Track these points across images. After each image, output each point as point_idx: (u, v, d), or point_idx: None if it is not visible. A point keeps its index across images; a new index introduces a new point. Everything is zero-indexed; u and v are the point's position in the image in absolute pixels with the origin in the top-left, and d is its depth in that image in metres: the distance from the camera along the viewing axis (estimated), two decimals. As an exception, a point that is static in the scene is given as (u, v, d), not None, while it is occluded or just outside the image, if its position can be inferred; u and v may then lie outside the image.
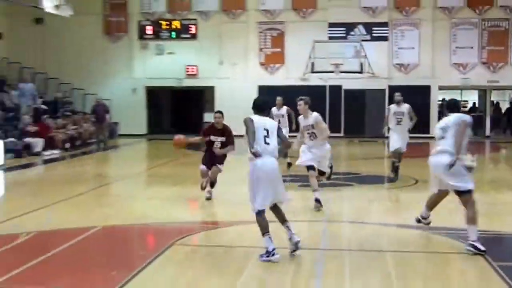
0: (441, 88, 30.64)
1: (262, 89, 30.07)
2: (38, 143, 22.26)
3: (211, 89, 31.30)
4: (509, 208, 11.85)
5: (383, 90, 29.78)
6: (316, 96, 27.13)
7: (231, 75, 31.16)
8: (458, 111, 8.49)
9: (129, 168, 19.65)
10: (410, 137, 15.66)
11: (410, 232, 9.01)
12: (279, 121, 15.34)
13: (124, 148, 26.60)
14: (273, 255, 7.43)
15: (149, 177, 17.68)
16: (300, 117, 11.57)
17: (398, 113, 15.26)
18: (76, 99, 30.49)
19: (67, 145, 23.98)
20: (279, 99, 17.90)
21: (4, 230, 9.72)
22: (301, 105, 11.32)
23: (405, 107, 15.30)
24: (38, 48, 30.99)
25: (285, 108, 17.83)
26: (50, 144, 22.93)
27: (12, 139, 21.37)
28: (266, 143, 7.73)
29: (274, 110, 17.30)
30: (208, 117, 29.12)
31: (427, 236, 9.05)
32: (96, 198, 13.15)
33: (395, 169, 15.36)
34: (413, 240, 8.83)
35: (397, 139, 15.19)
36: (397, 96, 15.50)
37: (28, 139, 22.22)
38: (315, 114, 11.29)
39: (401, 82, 29.15)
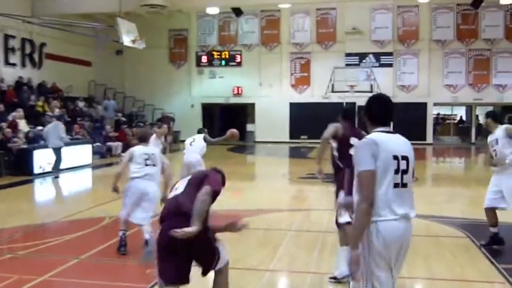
0: (435, 104, 30.18)
1: (293, 105, 30.14)
2: (118, 146, 22.32)
3: (252, 105, 30.97)
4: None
5: None
6: (335, 111, 27.10)
7: (268, 94, 30.75)
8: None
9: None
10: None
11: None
12: None
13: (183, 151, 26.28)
14: None
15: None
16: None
17: None
18: (147, 112, 30.47)
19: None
20: None
21: (93, 214, 9.79)
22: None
23: None
24: (118, 73, 31.12)
25: None
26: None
27: (98, 143, 21.55)
28: None
29: None
30: (250, 127, 30.34)
31: (425, 223, 8.79)
32: (102, 192, 12.41)
33: None
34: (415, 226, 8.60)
35: None
36: None
37: (110, 144, 22.30)
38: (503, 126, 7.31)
39: (403, 100, 28.61)
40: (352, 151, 5.48)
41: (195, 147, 10.92)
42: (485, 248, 7.31)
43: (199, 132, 11.42)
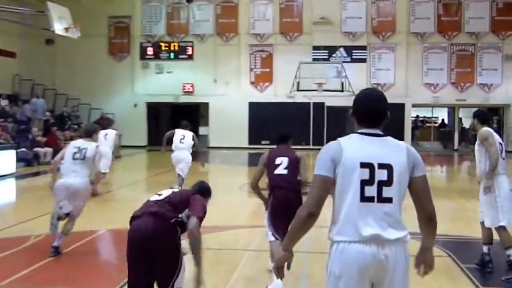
0: (414, 105, 30.66)
1: (252, 105, 30.50)
2: (47, 153, 21.92)
3: (205, 105, 31.15)
4: (475, 215, 11.73)
5: None
6: (301, 112, 29.06)
7: (224, 92, 30.97)
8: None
9: (131, 176, 19.29)
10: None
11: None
12: None
13: (126, 158, 25.98)
14: None
15: (150, 184, 17.46)
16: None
17: None
18: (82, 113, 30.29)
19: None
20: None
21: (14, 233, 9.59)
22: None
23: None
24: (48, 67, 30.71)
25: None
26: (57, 154, 22.44)
27: (24, 149, 21.13)
28: None
29: None
30: (203, 131, 29.94)
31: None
32: (101, 204, 12.75)
33: None
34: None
35: None
36: None
37: (37, 149, 21.94)
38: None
39: None
40: (277, 171, 6.60)
41: (185, 144, 13.23)
42: (469, 268, 7.38)
43: (185, 127, 13.56)
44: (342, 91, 27.38)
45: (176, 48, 31.16)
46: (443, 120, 35.05)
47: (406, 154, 3.36)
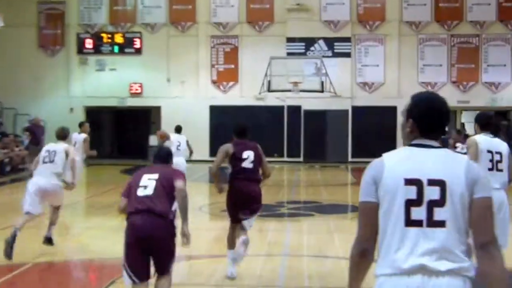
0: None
1: (214, 110, 30.33)
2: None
3: (157, 109, 30.92)
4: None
5: (346, 111, 29.93)
6: (273, 118, 29.19)
7: (180, 94, 30.82)
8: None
9: (66, 196, 18.79)
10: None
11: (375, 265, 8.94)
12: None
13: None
14: None
15: (89, 207, 17.35)
16: None
17: None
18: (6, 119, 29.86)
19: (-4, 171, 23.36)
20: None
21: None
22: None
23: None
24: (-37, 62, 30.64)
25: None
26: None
27: None
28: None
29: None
30: (155, 140, 27.98)
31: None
32: (28, 231, 11.87)
33: None
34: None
35: None
36: None
37: None
38: None
39: (365, 103, 29.62)
40: (244, 164, 8.64)
41: (182, 150, 15.71)
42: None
43: (178, 130, 16.29)
44: (322, 91, 27.45)
45: (121, 40, 31.02)
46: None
47: (465, 169, 3.29)
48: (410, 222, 3.22)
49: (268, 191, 14.79)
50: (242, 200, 8.66)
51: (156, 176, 6.50)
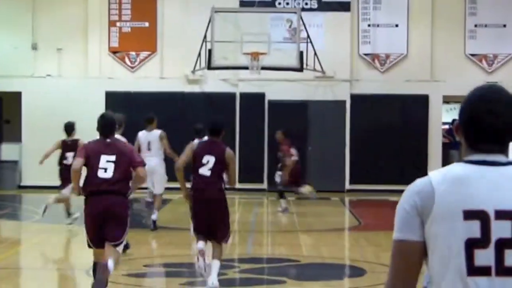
0: (448, 99, 29.56)
1: (114, 99, 28.04)
2: None
3: (14, 97, 28.68)
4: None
5: (341, 103, 28.52)
6: (217, 113, 26.12)
7: (54, 70, 28.93)
8: None
9: None
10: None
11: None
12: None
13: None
14: None
15: None
16: None
17: None
18: None
19: None
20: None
21: None
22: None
23: None
24: None
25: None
26: None
27: None
28: None
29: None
30: (10, 152, 29.53)
31: None
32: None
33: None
34: None
35: None
36: None
37: None
38: None
39: (374, 89, 28.20)
40: (201, 171, 11.22)
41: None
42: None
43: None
44: (300, 69, 25.95)
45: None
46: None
47: None
48: (474, 270, 3.29)
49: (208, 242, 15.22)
50: (201, 209, 11.28)
51: (113, 158, 9.75)
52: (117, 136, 11.66)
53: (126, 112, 26.42)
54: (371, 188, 25.92)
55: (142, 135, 18.67)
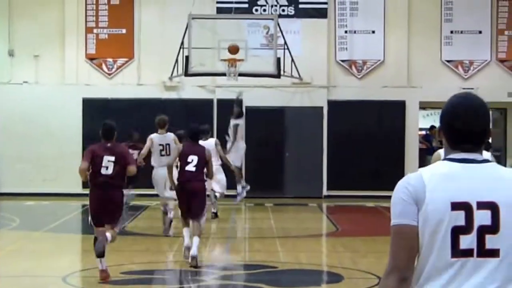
0: (424, 106, 29.90)
1: (91, 106, 28.39)
2: None
3: None
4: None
5: (318, 109, 28.51)
6: (193, 119, 24.57)
7: (31, 77, 28.78)
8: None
9: None
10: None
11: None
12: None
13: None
14: None
15: None
16: None
17: None
18: None
19: None
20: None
21: None
22: None
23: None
24: None
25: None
26: None
27: None
28: None
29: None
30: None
31: None
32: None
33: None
34: None
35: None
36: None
37: None
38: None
39: (351, 95, 28.24)
40: (188, 168, 14.69)
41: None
42: None
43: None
44: (278, 76, 25.99)
45: None
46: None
47: None
48: (458, 253, 3.75)
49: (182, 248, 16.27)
50: (187, 198, 14.37)
51: (113, 158, 12.66)
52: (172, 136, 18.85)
53: (104, 119, 27.84)
54: (348, 194, 25.98)
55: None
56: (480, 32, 29.25)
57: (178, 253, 16.11)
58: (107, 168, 12.71)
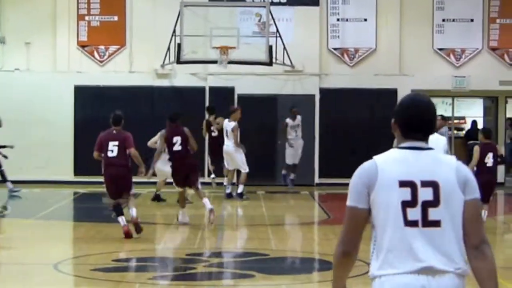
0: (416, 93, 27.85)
1: (83, 93, 28.72)
2: None
3: None
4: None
5: (310, 97, 28.64)
6: (186, 107, 27.48)
7: (23, 65, 28.80)
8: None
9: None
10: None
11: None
12: None
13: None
14: None
15: None
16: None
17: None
18: None
19: None
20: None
21: None
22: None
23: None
24: None
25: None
26: None
27: None
28: None
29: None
30: None
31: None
32: None
33: None
34: None
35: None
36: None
37: None
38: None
39: (343, 83, 28.40)
40: (174, 148, 17.64)
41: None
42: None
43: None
44: (270, 64, 26.15)
45: None
46: (474, 123, 33.30)
47: (455, 170, 4.48)
48: (407, 223, 4.39)
49: (176, 236, 17.77)
50: (179, 170, 17.24)
51: (116, 143, 15.34)
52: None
53: (95, 106, 28.81)
54: (340, 182, 24.86)
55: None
56: (472, 20, 29.42)
57: (170, 240, 18.03)
58: (112, 151, 15.51)
